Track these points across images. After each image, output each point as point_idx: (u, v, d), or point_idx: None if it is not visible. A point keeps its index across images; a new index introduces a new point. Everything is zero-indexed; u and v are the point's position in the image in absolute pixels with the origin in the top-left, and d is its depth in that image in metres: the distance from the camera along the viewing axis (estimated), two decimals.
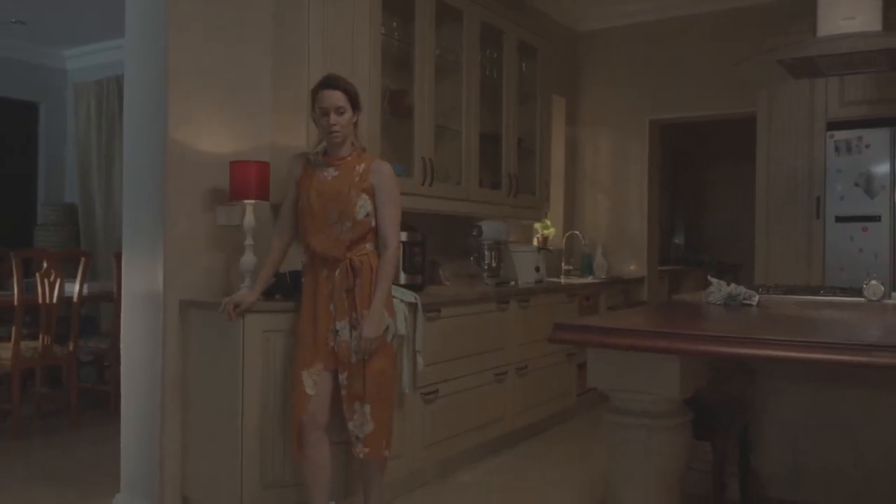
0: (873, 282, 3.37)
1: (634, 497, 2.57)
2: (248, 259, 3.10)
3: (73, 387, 4.69)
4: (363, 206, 2.78)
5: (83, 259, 4.74)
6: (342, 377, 2.78)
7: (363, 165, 2.82)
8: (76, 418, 4.67)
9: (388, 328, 2.81)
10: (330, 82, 2.79)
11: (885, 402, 3.19)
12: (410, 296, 3.42)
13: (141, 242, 3.16)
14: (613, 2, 6.03)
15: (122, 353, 3.23)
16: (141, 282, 3.16)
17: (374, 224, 2.82)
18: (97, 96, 7.13)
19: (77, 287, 4.70)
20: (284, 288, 3.10)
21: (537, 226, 5.73)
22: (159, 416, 3.09)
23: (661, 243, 6.94)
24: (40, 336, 4.55)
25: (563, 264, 6.05)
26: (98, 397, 5.32)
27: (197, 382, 3.09)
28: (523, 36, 4.97)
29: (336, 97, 2.75)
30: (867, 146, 4.72)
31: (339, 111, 2.75)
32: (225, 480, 2.98)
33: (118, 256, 4.92)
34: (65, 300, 4.70)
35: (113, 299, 4.94)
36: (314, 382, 2.77)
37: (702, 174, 9.14)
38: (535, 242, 5.63)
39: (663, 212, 7.63)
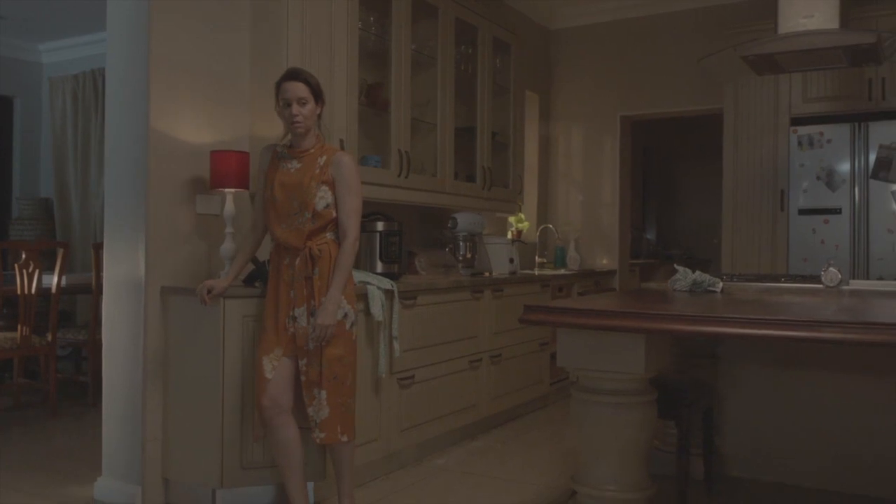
0: (831, 269, 3.52)
1: (604, 470, 2.69)
2: (228, 246, 3.18)
3: (52, 377, 4.72)
4: (323, 196, 2.83)
5: (62, 250, 4.76)
6: (301, 363, 2.83)
7: (325, 157, 2.86)
8: (55, 408, 4.70)
9: (346, 315, 2.85)
10: (292, 74, 2.85)
11: (839, 384, 3.34)
12: (387, 283, 3.52)
13: (123, 230, 3.22)
14: (584, 1, 6.16)
15: (103, 339, 3.29)
16: (123, 269, 3.22)
17: (335, 215, 2.85)
18: (73, 90, 7.14)
19: (56, 278, 4.73)
20: (264, 275, 3.17)
21: (511, 219, 5.85)
22: (140, 400, 3.15)
23: (632, 238, 7.09)
24: (19, 327, 4.58)
25: (536, 257, 6.17)
26: (75, 388, 5.36)
27: (178, 367, 3.16)
28: (497, 32, 5.09)
29: (298, 88, 2.80)
30: (829, 141, 4.89)
31: (301, 102, 2.80)
32: (205, 462, 3.05)
33: (97, 247, 4.98)
34: (41, 293, 4.73)
35: (93, 291, 4.97)
36: (273, 367, 2.82)
37: (672, 171, 9.33)
38: (509, 236, 5.74)
39: (635, 207, 7.79)
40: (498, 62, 5.20)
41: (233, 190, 3.21)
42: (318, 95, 2.86)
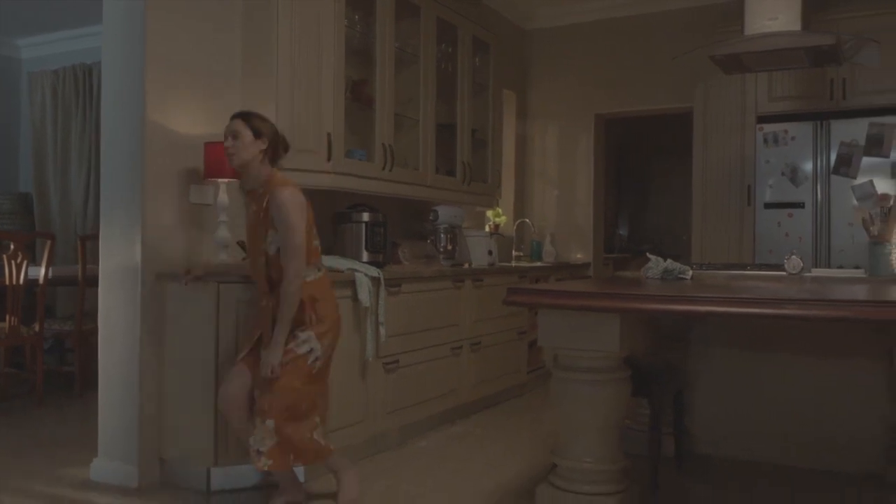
0: (793, 257, 3.73)
1: (581, 443, 2.86)
2: (222, 234, 3.31)
3: (38, 366, 4.79)
4: (273, 241, 2.85)
5: (49, 241, 4.84)
6: (256, 392, 2.87)
7: (266, 198, 2.85)
8: (41, 397, 4.78)
9: (311, 351, 2.85)
10: (234, 114, 2.97)
11: (803, 366, 3.55)
12: (374, 271, 3.67)
13: (119, 218, 3.33)
14: (560, 2, 6.35)
15: (100, 324, 3.39)
16: (119, 257, 3.33)
17: None
18: (53, 86, 7.17)
19: (43, 269, 4.80)
20: None
21: (489, 213, 6.01)
22: (137, 383, 3.27)
23: (606, 234, 7.29)
24: (7, 317, 4.65)
25: (513, 251, 6.35)
26: (60, 379, 5.42)
27: (173, 350, 3.28)
28: (476, 32, 5.25)
29: (234, 124, 2.89)
30: (793, 138, 5.12)
31: (234, 135, 2.86)
32: (200, 441, 3.18)
33: (83, 239, 5.06)
34: (26, 284, 4.79)
35: (78, 283, 5.04)
36: (233, 374, 2.92)
37: (645, 170, 9.55)
38: (487, 229, 5.91)
39: (608, 204, 8.00)
40: (477, 61, 5.36)
41: (226, 180, 3.33)
42: (258, 132, 2.87)
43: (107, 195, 3.40)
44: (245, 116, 2.93)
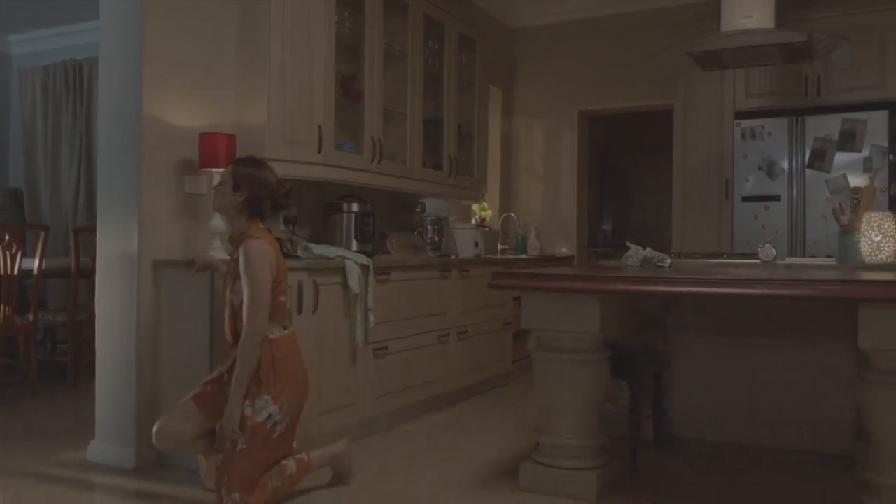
0: (767, 246, 3.89)
1: (564, 420, 3.00)
2: (216, 223, 3.42)
3: (32, 356, 4.87)
4: (239, 291, 2.80)
5: (43, 233, 4.92)
6: (217, 458, 2.81)
7: (239, 248, 2.82)
8: (35, 386, 4.85)
9: (269, 416, 2.76)
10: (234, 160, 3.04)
11: (776, 350, 3.70)
12: (363, 258, 3.79)
13: (116, 208, 3.43)
14: (545, 1, 6.49)
15: (97, 311, 3.49)
16: (116, 246, 3.43)
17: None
18: (43, 81, 7.23)
19: (37, 261, 4.88)
20: None
21: (475, 207, 6.14)
22: (134, 367, 3.37)
23: (590, 229, 7.44)
24: (2, 307, 4.73)
25: (499, 244, 6.48)
26: (53, 369, 5.50)
27: (169, 335, 3.39)
28: (463, 29, 5.38)
29: (224, 170, 2.96)
30: (769, 134, 5.28)
31: (220, 181, 2.93)
32: None
33: (76, 232, 5.15)
34: (20, 275, 4.86)
35: (71, 274, 5.13)
36: (179, 412, 2.88)
37: (628, 167, 9.71)
38: (473, 223, 6.04)
39: (592, 200, 8.14)
40: (463, 58, 5.49)
41: (220, 170, 3.44)
42: (238, 183, 2.85)
43: (104, 185, 3.50)
44: (235, 165, 2.92)
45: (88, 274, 5.23)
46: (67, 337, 5.26)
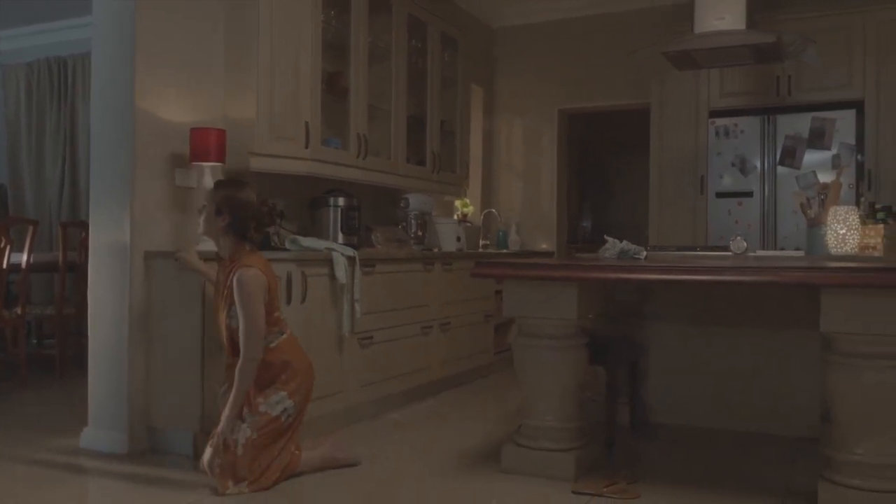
0: (738, 238, 4.04)
1: (544, 404, 3.13)
2: None
3: (21, 349, 4.94)
4: (235, 315, 2.97)
5: (31, 227, 4.99)
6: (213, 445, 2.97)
7: (232, 274, 2.96)
8: (25, 378, 4.92)
9: (284, 410, 2.99)
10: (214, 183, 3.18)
11: (747, 339, 3.86)
12: (350, 251, 3.90)
13: (109, 200, 3.51)
14: (525, 2, 6.64)
15: (89, 300, 3.57)
16: (108, 237, 3.52)
17: None
18: (27, 78, 7.27)
19: (25, 255, 4.94)
20: None
21: (457, 203, 6.27)
22: (126, 355, 3.46)
23: (569, 225, 7.59)
24: None
25: (480, 239, 6.61)
26: (39, 362, 5.55)
27: (160, 323, 3.48)
28: (445, 29, 5.51)
29: (206, 195, 3.12)
30: (742, 132, 5.45)
31: (200, 210, 3.11)
32: (187, 409, 3.38)
33: (64, 226, 5.22)
34: (9, 269, 4.92)
35: (59, 268, 5.19)
36: None
37: (606, 165, 9.88)
38: (455, 218, 6.16)
39: (572, 197, 8.30)
40: (446, 56, 5.62)
41: (210, 164, 3.54)
42: (220, 208, 2.99)
43: (97, 178, 3.58)
44: (215, 189, 3.06)
45: (74, 268, 5.30)
46: (55, 330, 5.32)
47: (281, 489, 2.97)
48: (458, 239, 5.41)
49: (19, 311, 4.96)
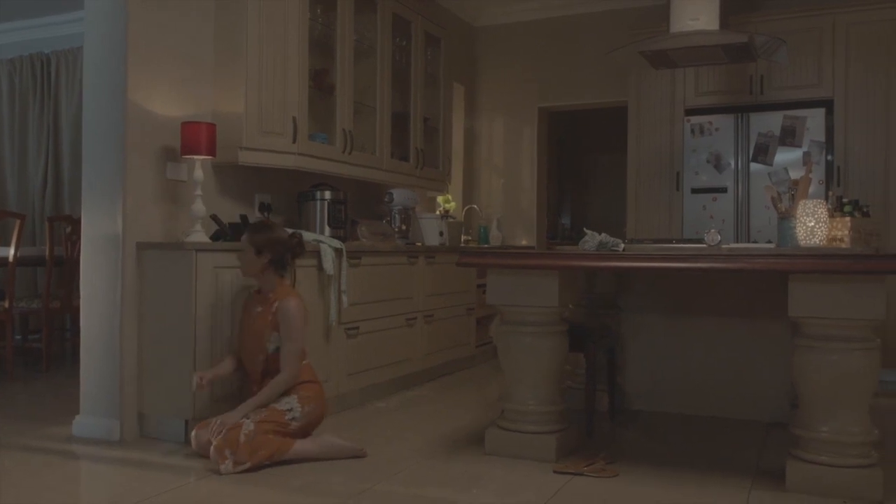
0: (712, 231, 4.18)
1: (526, 388, 3.25)
2: (198, 207, 3.60)
3: (8, 342, 4.98)
4: (274, 341, 3.26)
5: (19, 221, 5.03)
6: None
7: (276, 304, 3.27)
8: (12, 372, 4.96)
9: (290, 409, 3.19)
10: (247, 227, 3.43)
11: (721, 327, 4.01)
12: (337, 243, 4.00)
13: (101, 192, 3.59)
14: (506, 1, 6.77)
15: (81, 288, 3.64)
16: (100, 228, 3.59)
17: None
18: (10, 74, 7.28)
19: (12, 249, 4.99)
20: (224, 235, 3.66)
21: (440, 199, 6.38)
22: (118, 344, 3.54)
23: (549, 222, 7.73)
24: None
25: (462, 235, 6.72)
26: (25, 356, 5.60)
27: (152, 313, 3.56)
28: (428, 27, 5.62)
29: (242, 240, 3.36)
30: (717, 129, 5.61)
31: (240, 255, 3.36)
32: (178, 396, 3.46)
33: (52, 220, 5.27)
34: None
35: (46, 262, 5.24)
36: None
37: (585, 163, 10.04)
38: (437, 213, 6.27)
39: (552, 194, 8.45)
40: (429, 54, 5.73)
41: (201, 157, 3.63)
42: (258, 248, 3.29)
43: (89, 170, 3.65)
44: (250, 234, 3.32)
45: (60, 262, 5.35)
46: (41, 324, 5.36)
47: (270, 471, 3.07)
48: (441, 234, 5.52)
49: (6, 305, 5.01)
